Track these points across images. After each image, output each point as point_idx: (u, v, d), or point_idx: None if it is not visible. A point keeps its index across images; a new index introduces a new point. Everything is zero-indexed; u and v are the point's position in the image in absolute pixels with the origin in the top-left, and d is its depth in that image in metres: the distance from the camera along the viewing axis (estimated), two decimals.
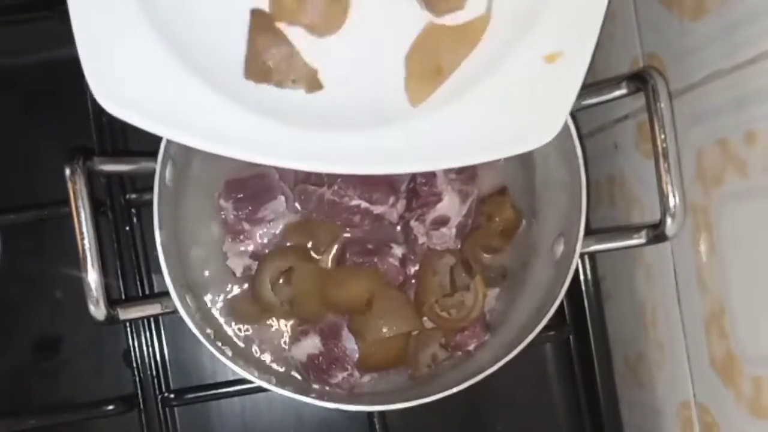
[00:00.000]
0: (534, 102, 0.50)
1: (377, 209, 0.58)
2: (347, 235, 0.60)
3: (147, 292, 0.65)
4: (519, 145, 0.51)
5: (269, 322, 0.60)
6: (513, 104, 0.50)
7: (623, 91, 0.54)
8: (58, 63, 0.64)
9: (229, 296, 0.60)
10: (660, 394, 0.62)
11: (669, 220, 0.51)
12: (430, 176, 0.58)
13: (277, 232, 0.59)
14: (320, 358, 0.58)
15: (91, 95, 0.62)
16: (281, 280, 0.57)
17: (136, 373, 0.63)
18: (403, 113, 0.50)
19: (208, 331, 0.55)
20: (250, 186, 0.58)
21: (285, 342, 0.60)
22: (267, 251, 0.59)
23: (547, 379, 0.67)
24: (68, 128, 0.65)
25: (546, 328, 0.53)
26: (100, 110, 0.62)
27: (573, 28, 0.50)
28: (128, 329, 0.63)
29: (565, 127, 0.53)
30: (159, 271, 0.53)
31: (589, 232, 0.54)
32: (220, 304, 0.59)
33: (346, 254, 0.59)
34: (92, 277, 0.50)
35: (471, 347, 0.59)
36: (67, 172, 0.50)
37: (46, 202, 0.61)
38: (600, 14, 0.50)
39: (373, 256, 0.59)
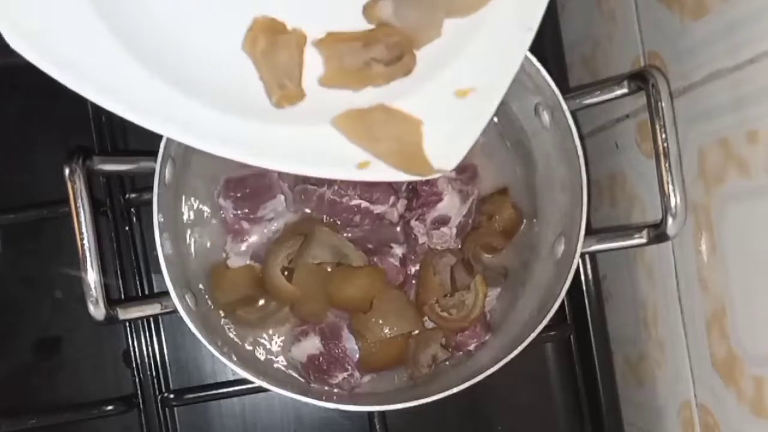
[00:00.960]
0: (437, 133, 0.50)
1: (377, 209, 0.58)
2: (347, 234, 0.59)
3: (146, 291, 0.65)
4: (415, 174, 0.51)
5: (269, 324, 0.59)
6: None
7: (624, 90, 0.54)
8: None
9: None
10: (661, 394, 0.61)
11: (670, 220, 0.51)
12: None
13: (277, 231, 0.59)
14: (320, 358, 0.58)
15: None
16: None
17: (135, 373, 0.63)
18: (315, 117, 0.50)
19: (208, 331, 0.54)
20: (249, 185, 0.58)
21: (285, 342, 0.59)
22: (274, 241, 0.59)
23: (548, 378, 0.67)
24: (68, 128, 0.65)
25: (547, 327, 0.53)
26: (99, 110, 0.63)
27: (490, 66, 0.51)
28: (128, 329, 0.63)
29: (566, 126, 0.53)
30: (159, 271, 0.53)
31: (589, 231, 0.54)
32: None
33: None
34: (91, 276, 0.50)
35: (471, 347, 0.59)
36: (66, 171, 0.50)
37: (46, 202, 0.61)
38: (519, 56, 0.50)
39: (374, 255, 0.59)
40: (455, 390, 0.53)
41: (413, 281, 0.60)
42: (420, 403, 0.53)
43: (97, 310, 0.50)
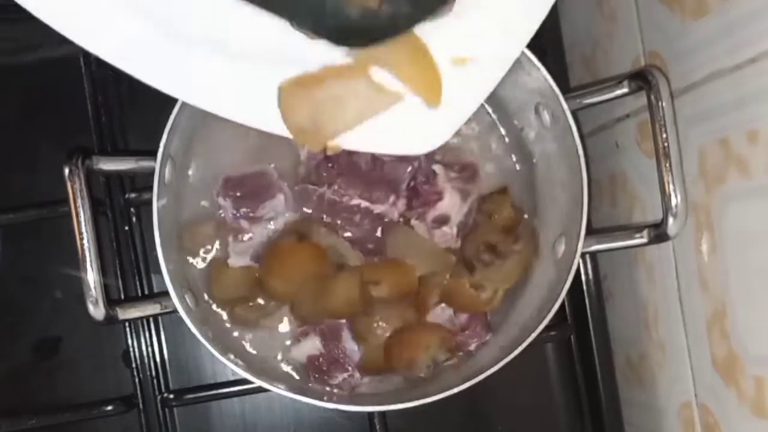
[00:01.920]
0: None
1: (377, 208, 0.58)
2: (348, 234, 0.59)
3: (146, 291, 0.64)
4: (402, 146, 0.48)
5: (268, 323, 0.59)
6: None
7: (625, 90, 0.54)
8: (58, 63, 0.64)
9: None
10: (661, 394, 0.61)
11: (671, 220, 0.51)
12: (431, 175, 0.58)
13: (277, 230, 0.59)
14: (320, 359, 0.58)
15: (91, 94, 0.62)
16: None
17: (135, 373, 0.63)
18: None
19: (208, 331, 0.54)
20: (249, 184, 0.58)
21: (285, 343, 0.59)
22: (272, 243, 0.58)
23: (548, 379, 0.67)
24: (68, 128, 0.65)
25: (547, 328, 0.53)
26: (99, 110, 0.63)
27: (494, 38, 0.48)
28: (128, 329, 0.63)
29: (567, 126, 0.53)
30: (158, 271, 0.53)
31: (590, 231, 0.54)
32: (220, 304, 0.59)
33: None
34: (91, 276, 0.50)
35: (472, 347, 0.59)
36: (66, 171, 0.50)
37: (46, 202, 0.61)
38: (530, 31, 0.47)
39: (374, 256, 0.58)
40: (455, 390, 0.53)
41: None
42: (420, 404, 0.53)
43: (97, 310, 0.50)
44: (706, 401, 0.55)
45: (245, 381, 0.54)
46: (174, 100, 0.51)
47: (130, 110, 0.65)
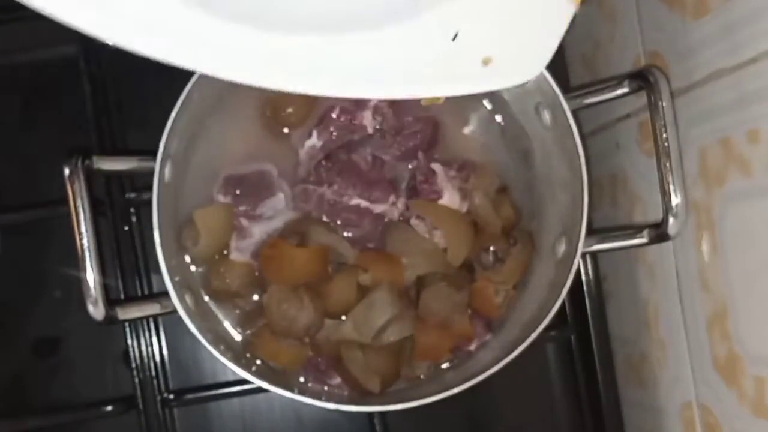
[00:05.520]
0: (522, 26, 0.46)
1: (377, 208, 0.58)
2: (348, 234, 0.59)
3: (146, 291, 0.64)
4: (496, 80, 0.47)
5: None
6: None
7: (625, 89, 0.54)
8: (57, 63, 0.64)
9: None
10: (662, 394, 0.61)
11: (671, 220, 0.51)
12: (431, 174, 0.58)
13: (278, 229, 0.59)
14: (319, 359, 0.58)
15: (91, 94, 0.62)
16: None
17: (135, 373, 0.63)
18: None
19: (208, 331, 0.54)
20: (249, 182, 0.58)
21: None
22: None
23: (549, 379, 0.67)
24: (68, 128, 0.65)
25: (547, 328, 0.53)
26: (99, 110, 0.63)
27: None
28: (127, 329, 0.63)
29: (567, 126, 0.53)
30: (158, 271, 0.52)
31: (590, 231, 0.54)
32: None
33: None
34: (91, 276, 0.50)
35: (472, 347, 0.59)
36: (66, 171, 0.50)
37: (45, 202, 0.61)
38: None
39: None
40: (456, 390, 0.53)
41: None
42: (420, 404, 0.53)
43: (97, 310, 0.50)
44: (707, 401, 0.55)
45: (245, 381, 0.53)
46: (174, 100, 0.51)
47: (130, 110, 0.65)
